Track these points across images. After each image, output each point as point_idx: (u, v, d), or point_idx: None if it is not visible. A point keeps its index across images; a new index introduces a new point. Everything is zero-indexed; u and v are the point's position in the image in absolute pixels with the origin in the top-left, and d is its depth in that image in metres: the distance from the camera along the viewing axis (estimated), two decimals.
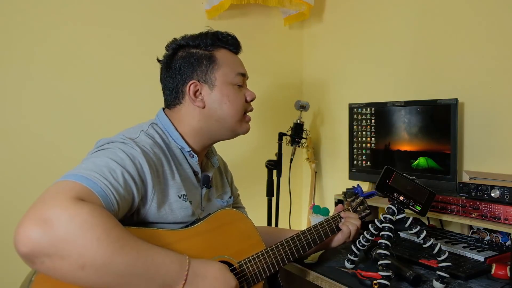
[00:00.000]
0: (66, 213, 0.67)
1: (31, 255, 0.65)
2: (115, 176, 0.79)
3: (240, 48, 1.11)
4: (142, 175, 0.86)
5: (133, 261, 0.71)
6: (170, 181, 0.94)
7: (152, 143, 0.94)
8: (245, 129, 1.10)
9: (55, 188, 0.72)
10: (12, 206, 1.37)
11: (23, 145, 1.44)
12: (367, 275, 1.07)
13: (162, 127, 1.03)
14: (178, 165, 1.00)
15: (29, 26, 1.45)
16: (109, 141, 0.89)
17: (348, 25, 1.97)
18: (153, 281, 0.73)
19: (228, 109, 1.04)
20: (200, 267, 0.81)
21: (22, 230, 0.65)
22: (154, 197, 0.88)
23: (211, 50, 1.05)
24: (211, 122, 1.04)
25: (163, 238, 0.86)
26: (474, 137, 1.46)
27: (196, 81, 1.03)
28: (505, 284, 1.07)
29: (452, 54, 1.53)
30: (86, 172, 0.76)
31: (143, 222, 0.89)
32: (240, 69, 1.08)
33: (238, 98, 1.06)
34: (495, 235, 1.27)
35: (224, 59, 1.05)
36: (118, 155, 0.84)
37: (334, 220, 1.20)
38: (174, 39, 1.08)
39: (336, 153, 2.04)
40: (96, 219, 0.69)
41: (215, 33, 1.07)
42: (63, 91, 1.52)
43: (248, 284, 0.97)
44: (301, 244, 1.11)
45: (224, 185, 1.22)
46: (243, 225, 1.03)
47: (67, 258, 0.66)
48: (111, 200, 0.76)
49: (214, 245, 0.95)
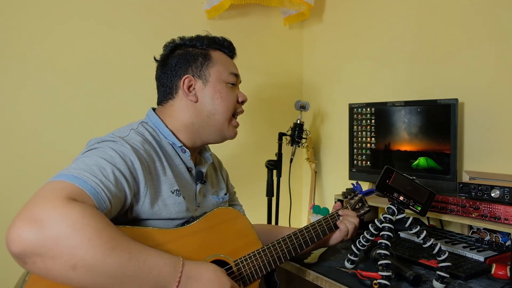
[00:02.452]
0: (57, 213, 0.67)
1: (22, 255, 0.65)
2: (105, 174, 0.79)
3: (235, 54, 1.16)
4: (134, 172, 0.86)
5: (125, 262, 0.71)
6: (162, 177, 0.94)
7: (142, 140, 0.94)
8: (233, 134, 1.12)
9: (46, 189, 0.72)
10: (11, 205, 1.37)
11: (22, 143, 1.44)
12: (367, 275, 1.07)
13: (152, 124, 1.04)
14: (170, 161, 1.00)
15: (28, 24, 1.45)
16: (99, 140, 0.90)
17: (348, 25, 1.97)
18: (146, 283, 0.73)
19: (219, 105, 1.06)
20: (194, 269, 0.80)
21: (14, 230, 0.65)
22: (147, 193, 0.88)
23: (207, 49, 1.09)
24: (202, 118, 1.05)
25: (157, 237, 0.86)
26: (474, 137, 1.46)
27: (191, 76, 1.05)
28: (505, 284, 1.07)
29: (452, 54, 1.53)
30: (77, 172, 0.76)
31: (137, 219, 0.89)
32: (233, 69, 1.11)
33: (230, 96, 1.08)
34: (495, 235, 1.27)
35: (219, 58, 1.09)
36: (108, 153, 0.84)
37: (332, 218, 1.20)
38: (172, 40, 1.12)
39: (336, 153, 2.04)
40: (88, 219, 0.69)
41: (212, 37, 1.12)
42: (62, 90, 1.52)
43: (244, 283, 0.97)
44: (298, 243, 1.11)
45: (219, 181, 1.22)
46: (239, 224, 1.03)
47: (58, 258, 0.66)
48: (103, 198, 0.76)
49: (209, 244, 0.94)
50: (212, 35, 1.12)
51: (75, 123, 1.54)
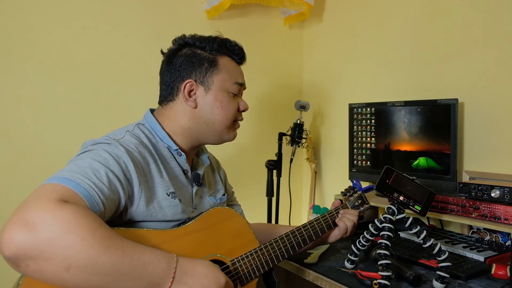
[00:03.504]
0: (49, 214, 0.67)
1: (15, 258, 0.65)
2: (99, 176, 0.79)
3: (245, 60, 1.13)
4: (128, 174, 0.86)
5: (119, 260, 0.71)
6: (158, 179, 0.94)
7: (137, 143, 0.94)
8: (232, 136, 1.11)
9: (39, 191, 0.72)
10: (11, 205, 1.37)
11: (22, 143, 1.44)
12: (367, 275, 1.07)
13: (149, 126, 1.03)
14: (166, 163, 1.00)
15: (28, 25, 1.45)
16: (93, 142, 0.90)
17: (348, 25, 1.97)
18: (140, 280, 0.73)
19: (219, 114, 1.04)
20: (188, 264, 0.81)
21: (6, 233, 0.65)
22: (141, 195, 0.88)
23: (215, 55, 1.06)
24: (200, 124, 1.04)
25: (153, 238, 0.86)
26: (474, 137, 1.46)
27: (193, 81, 1.03)
28: (505, 284, 1.07)
29: (452, 54, 1.53)
30: (70, 174, 0.76)
31: (132, 221, 0.89)
32: (239, 79, 1.09)
33: (231, 106, 1.06)
34: (495, 235, 1.27)
35: (226, 66, 1.06)
36: (102, 155, 0.84)
37: (331, 216, 1.20)
38: (183, 35, 1.09)
39: (336, 153, 2.04)
40: (80, 219, 0.69)
41: (224, 40, 1.08)
42: (62, 90, 1.51)
43: (242, 282, 0.97)
44: (296, 241, 1.11)
45: (217, 182, 1.22)
46: (235, 223, 1.03)
47: (52, 260, 0.66)
48: (96, 200, 0.76)
49: (206, 244, 0.95)
50: (224, 38, 1.09)
51: (75, 123, 1.54)
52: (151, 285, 0.75)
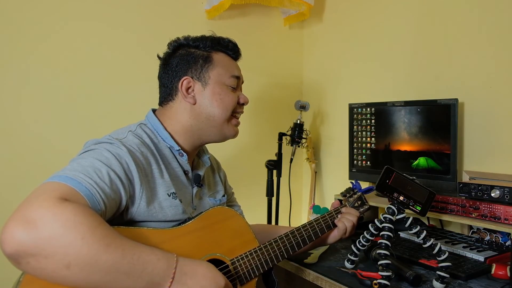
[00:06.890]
0: (50, 212, 0.67)
1: (16, 255, 0.65)
2: (100, 175, 0.79)
3: (240, 55, 1.14)
4: (129, 174, 0.86)
5: (119, 259, 0.71)
6: (159, 180, 0.95)
7: (139, 143, 0.94)
8: (233, 133, 1.11)
9: (40, 190, 0.72)
10: (11, 205, 1.37)
11: (22, 143, 1.44)
12: (367, 275, 1.07)
13: (151, 126, 1.04)
14: (167, 164, 1.00)
15: (28, 25, 1.45)
16: (95, 142, 0.90)
17: (348, 25, 1.97)
18: (140, 279, 0.73)
19: (218, 107, 1.05)
20: (188, 265, 0.81)
21: (7, 231, 0.65)
22: (142, 195, 0.89)
23: (209, 51, 1.08)
24: (200, 120, 1.05)
25: (153, 237, 0.86)
26: (474, 137, 1.46)
27: (190, 78, 1.04)
28: (505, 284, 1.07)
29: (452, 54, 1.53)
30: (71, 173, 0.77)
31: (133, 221, 0.89)
32: (235, 72, 1.10)
33: (229, 98, 1.07)
34: (495, 235, 1.27)
35: (221, 61, 1.08)
36: (104, 155, 0.84)
37: (330, 216, 1.20)
38: (177, 38, 1.10)
39: (336, 153, 2.04)
40: (81, 217, 0.69)
41: (217, 37, 1.10)
42: (62, 90, 1.52)
43: (241, 281, 0.97)
44: (295, 241, 1.11)
45: (217, 183, 1.22)
46: (235, 223, 1.03)
47: (52, 258, 0.66)
48: (97, 199, 0.76)
49: (205, 243, 0.95)
50: (217, 36, 1.11)
51: (75, 123, 1.54)
52: (150, 284, 0.75)
